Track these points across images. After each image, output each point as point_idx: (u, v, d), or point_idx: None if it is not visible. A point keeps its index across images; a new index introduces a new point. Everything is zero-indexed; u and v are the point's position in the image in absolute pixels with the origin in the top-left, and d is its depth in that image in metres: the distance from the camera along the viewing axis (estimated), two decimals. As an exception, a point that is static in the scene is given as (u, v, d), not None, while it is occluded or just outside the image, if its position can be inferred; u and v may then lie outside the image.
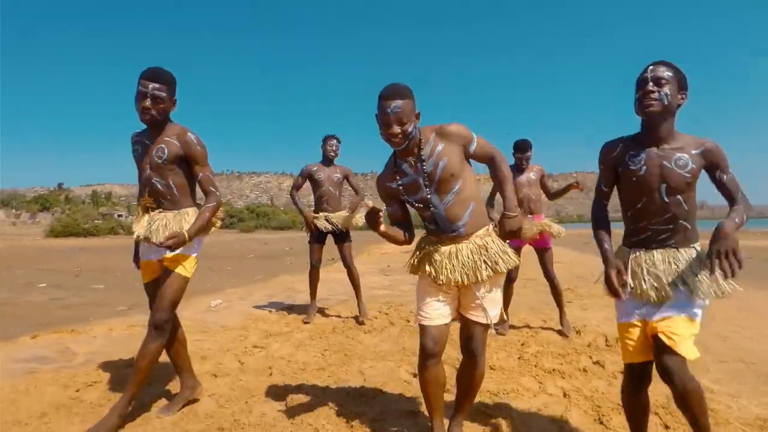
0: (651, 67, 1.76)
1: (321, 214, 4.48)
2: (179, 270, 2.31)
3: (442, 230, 1.93)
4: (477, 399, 2.49)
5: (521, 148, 4.11)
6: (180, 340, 2.51)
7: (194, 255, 2.39)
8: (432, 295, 1.97)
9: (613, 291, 1.80)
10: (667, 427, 2.33)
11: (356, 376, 3.01)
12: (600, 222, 1.96)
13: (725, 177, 1.76)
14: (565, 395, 2.69)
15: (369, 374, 3.02)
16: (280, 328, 4.26)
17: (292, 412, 2.41)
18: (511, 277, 4.17)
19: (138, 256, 2.49)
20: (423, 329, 1.96)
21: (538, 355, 3.43)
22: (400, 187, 1.97)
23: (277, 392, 2.71)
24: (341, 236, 4.51)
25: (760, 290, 6.85)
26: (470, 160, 1.97)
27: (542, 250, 4.15)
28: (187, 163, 2.33)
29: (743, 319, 4.86)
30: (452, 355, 3.13)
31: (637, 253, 1.82)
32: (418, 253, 2.03)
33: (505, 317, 4.24)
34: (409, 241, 2.08)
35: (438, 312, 1.95)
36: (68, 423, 2.27)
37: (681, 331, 1.69)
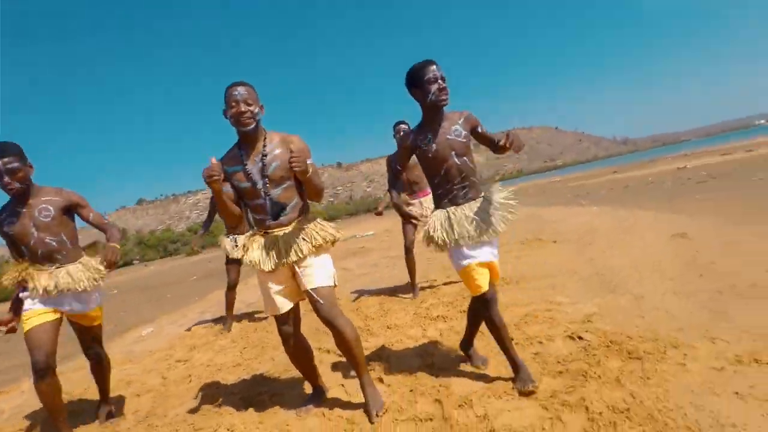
0: (434, 66, 2.17)
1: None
2: (97, 322, 2.66)
3: (269, 219, 2.19)
4: (367, 350, 2.92)
5: (394, 125, 4.55)
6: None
7: (101, 305, 2.69)
8: (266, 286, 2.25)
9: (406, 216, 2.42)
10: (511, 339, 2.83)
11: (267, 363, 3.36)
12: (394, 194, 2.44)
13: (483, 129, 2.30)
14: (440, 334, 3.17)
15: (278, 359, 3.37)
16: (205, 339, 4.52)
17: (202, 406, 2.72)
18: (407, 248, 4.61)
19: (18, 309, 2.49)
20: (275, 319, 2.29)
21: (430, 307, 3.91)
22: (239, 173, 2.17)
23: (193, 394, 3.02)
24: None
25: (647, 210, 7.78)
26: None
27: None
28: (70, 213, 2.55)
29: (619, 241, 5.59)
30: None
31: (452, 209, 2.26)
32: (245, 248, 2.27)
33: (415, 288, 4.65)
34: (239, 220, 2.22)
35: (279, 301, 2.24)
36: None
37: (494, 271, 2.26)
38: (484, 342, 2.83)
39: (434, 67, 2.16)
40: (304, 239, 2.17)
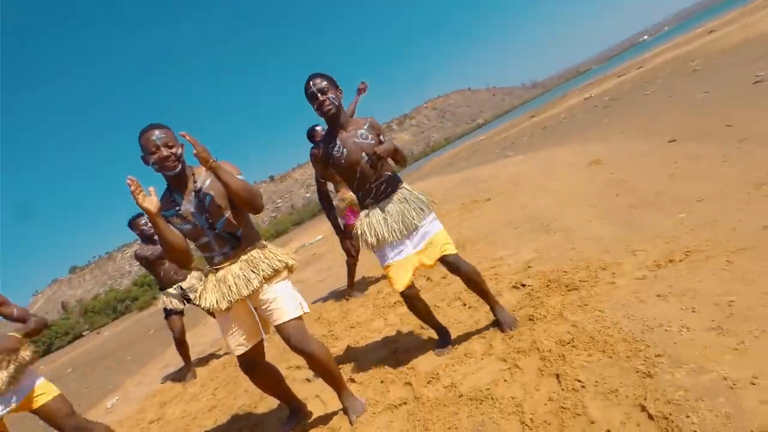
0: (311, 82, 2.22)
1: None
2: (49, 396, 2.44)
3: (217, 254, 2.13)
4: (334, 354, 2.95)
5: (308, 132, 4.53)
6: None
7: (40, 381, 2.49)
8: (225, 327, 2.19)
9: (350, 254, 2.57)
10: (465, 304, 2.97)
11: (242, 397, 3.30)
12: (328, 207, 2.56)
13: (384, 138, 2.40)
14: (401, 320, 3.26)
15: (252, 390, 3.32)
16: (175, 392, 4.36)
17: (184, 461, 2.66)
18: (351, 254, 4.61)
19: None
20: (237, 358, 2.25)
21: (387, 296, 3.99)
22: (176, 217, 2.09)
23: (173, 451, 2.93)
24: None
25: (563, 146, 8.24)
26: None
27: None
28: None
29: (542, 180, 5.92)
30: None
31: (373, 210, 2.34)
32: (200, 293, 2.19)
33: (354, 290, 4.67)
34: (186, 254, 2.10)
35: (236, 342, 2.19)
36: None
37: (441, 240, 2.33)
38: (440, 315, 2.94)
39: (311, 82, 2.23)
40: (252, 271, 2.10)
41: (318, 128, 4.55)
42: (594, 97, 16.30)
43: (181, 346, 4.63)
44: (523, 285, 2.81)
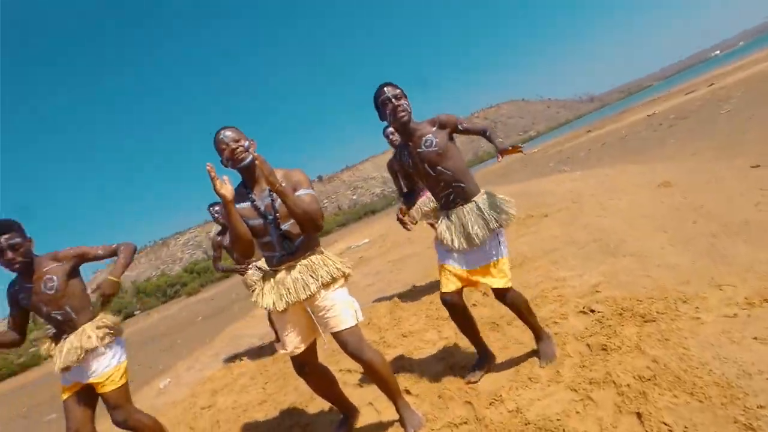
0: (386, 89, 2.24)
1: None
2: (117, 385, 2.50)
3: (277, 256, 2.16)
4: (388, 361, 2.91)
5: (383, 130, 4.58)
6: None
7: (121, 362, 2.55)
8: (281, 327, 2.22)
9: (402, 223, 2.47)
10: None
11: (292, 394, 3.34)
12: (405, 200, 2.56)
13: (464, 124, 2.32)
14: (456, 333, 3.18)
15: (302, 388, 3.35)
16: (225, 381, 4.48)
17: (237, 452, 2.72)
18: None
19: None
20: (291, 359, 2.29)
21: (441, 308, 3.90)
22: (247, 210, 2.13)
23: (224, 440, 3.00)
24: None
25: (629, 164, 7.89)
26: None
27: None
28: (75, 272, 2.52)
29: (607, 200, 5.66)
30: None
31: (443, 216, 2.35)
32: (258, 293, 2.24)
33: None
34: (251, 246, 2.13)
35: (291, 344, 2.21)
36: None
37: (494, 273, 2.26)
38: (500, 334, 2.86)
39: (386, 88, 2.23)
40: (311, 276, 2.12)
41: (389, 129, 4.54)
42: (658, 115, 15.52)
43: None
44: (592, 310, 2.68)
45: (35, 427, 6.57)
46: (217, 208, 4.74)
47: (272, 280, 2.18)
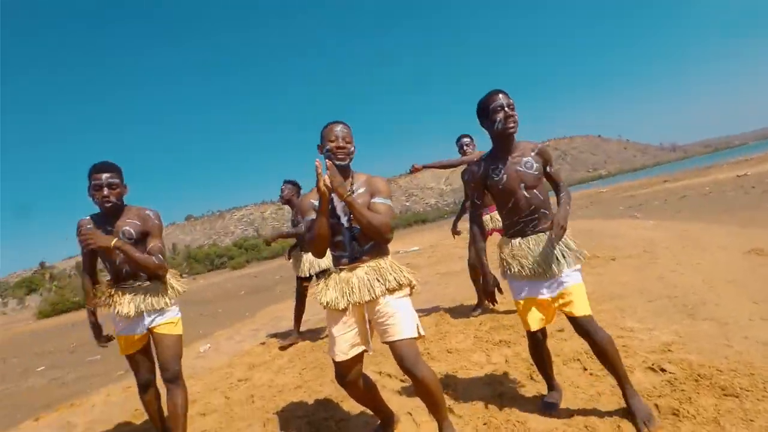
0: (500, 95, 2.15)
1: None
2: (174, 330, 2.61)
3: (348, 255, 2.16)
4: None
5: (457, 139, 4.58)
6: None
7: (179, 315, 2.71)
8: (335, 328, 2.17)
9: (490, 298, 2.33)
10: (585, 369, 2.70)
11: (328, 386, 3.34)
12: (477, 236, 2.39)
13: (553, 169, 2.26)
14: (506, 361, 3.06)
15: (339, 382, 3.35)
16: (263, 359, 4.57)
17: (269, 429, 2.74)
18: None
19: (100, 334, 2.69)
20: (335, 364, 2.22)
21: (491, 330, 3.80)
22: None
23: (258, 416, 3.04)
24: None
25: (711, 224, 7.34)
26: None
27: None
28: (145, 237, 2.57)
29: (685, 256, 5.29)
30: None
31: (518, 241, 2.23)
32: (324, 284, 2.20)
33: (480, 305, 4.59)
34: (325, 248, 2.17)
35: (340, 348, 2.16)
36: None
37: (576, 298, 2.10)
38: (554, 372, 2.70)
39: (501, 95, 2.15)
40: (377, 279, 2.09)
41: (465, 139, 4.50)
42: (751, 177, 14.41)
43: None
44: (663, 369, 2.48)
45: (79, 365, 6.98)
46: (289, 186, 4.88)
47: (337, 277, 2.17)
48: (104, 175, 2.43)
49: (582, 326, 2.08)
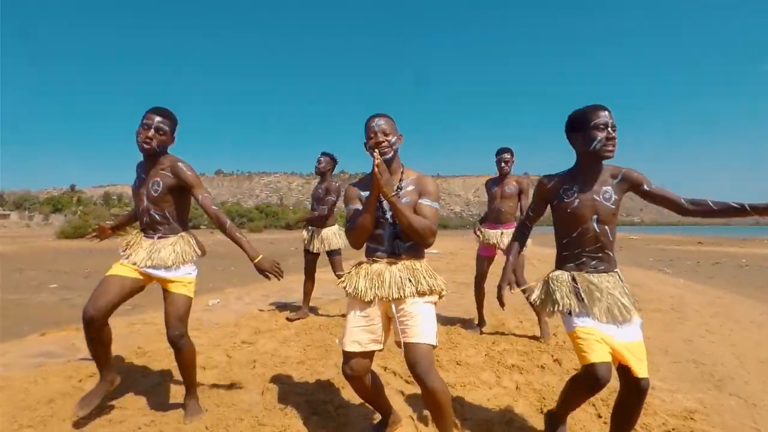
0: (606, 112, 1.95)
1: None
2: (184, 291, 2.50)
3: (386, 250, 2.10)
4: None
5: (497, 152, 4.39)
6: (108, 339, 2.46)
7: (194, 275, 2.60)
8: (358, 318, 2.10)
9: (499, 301, 2.21)
10: (599, 416, 2.58)
11: (332, 369, 3.30)
12: (520, 236, 2.29)
13: (653, 186, 1.99)
14: (517, 388, 2.97)
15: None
16: (269, 326, 4.57)
17: (267, 399, 2.72)
18: (478, 281, 4.46)
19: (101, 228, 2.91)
20: (344, 354, 2.12)
21: (503, 352, 3.70)
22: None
23: (257, 382, 3.02)
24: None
25: (747, 297, 7.02)
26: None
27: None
28: (182, 190, 2.52)
29: (715, 324, 5.06)
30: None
31: (578, 275, 2.01)
32: (355, 272, 2.15)
33: (482, 320, 4.52)
34: (364, 240, 2.14)
35: (358, 339, 2.07)
36: (72, 408, 2.58)
37: (643, 356, 1.89)
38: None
39: (606, 113, 1.95)
40: (410, 279, 2.03)
41: (505, 155, 4.32)
42: (795, 258, 13.76)
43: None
44: (683, 436, 2.35)
45: (90, 291, 7.11)
46: (327, 158, 4.89)
47: (369, 268, 2.11)
48: (157, 118, 2.41)
49: (644, 390, 1.86)
